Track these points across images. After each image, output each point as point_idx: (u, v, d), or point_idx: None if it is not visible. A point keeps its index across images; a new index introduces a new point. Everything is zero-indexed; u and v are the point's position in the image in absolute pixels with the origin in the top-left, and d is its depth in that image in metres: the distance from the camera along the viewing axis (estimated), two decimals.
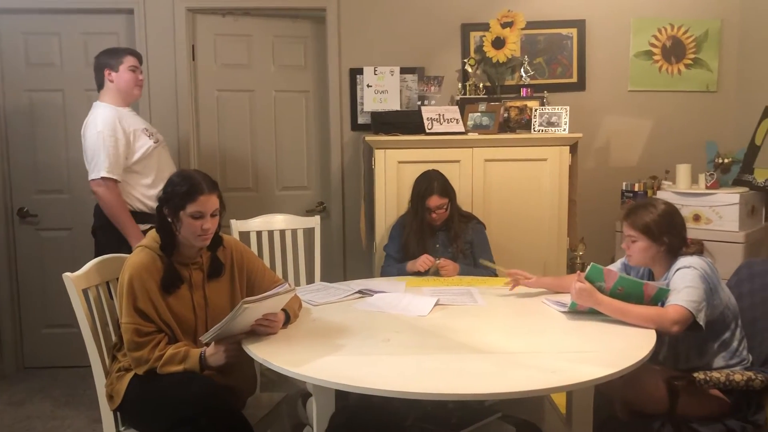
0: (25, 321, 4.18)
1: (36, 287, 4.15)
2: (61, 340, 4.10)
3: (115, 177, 3.11)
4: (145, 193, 3.21)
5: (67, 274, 2.34)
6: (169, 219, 2.30)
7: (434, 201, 3.21)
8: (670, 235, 2.43)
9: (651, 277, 2.57)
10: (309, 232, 3.67)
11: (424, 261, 3.14)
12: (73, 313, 2.35)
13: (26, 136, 4.08)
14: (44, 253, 4.14)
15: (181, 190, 2.28)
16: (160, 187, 2.39)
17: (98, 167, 3.09)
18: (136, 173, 3.21)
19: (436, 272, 3.15)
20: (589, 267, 2.43)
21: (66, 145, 4.09)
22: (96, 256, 2.62)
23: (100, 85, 3.30)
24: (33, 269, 4.15)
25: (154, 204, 2.99)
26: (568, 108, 3.73)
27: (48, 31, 4.03)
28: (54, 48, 4.05)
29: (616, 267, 2.70)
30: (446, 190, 3.26)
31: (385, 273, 3.32)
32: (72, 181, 4.12)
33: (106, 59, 3.27)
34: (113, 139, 3.11)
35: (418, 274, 3.17)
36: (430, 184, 3.24)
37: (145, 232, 3.04)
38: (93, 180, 3.11)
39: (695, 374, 2.30)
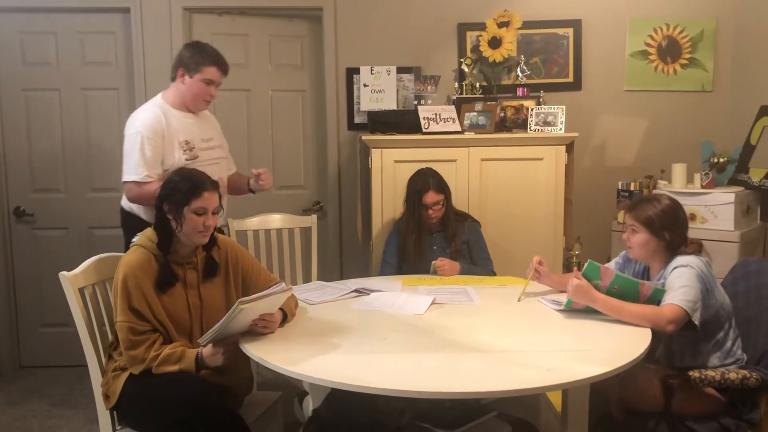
0: (22, 320, 4.18)
1: (32, 286, 4.15)
2: (58, 339, 4.09)
3: (151, 179, 2.85)
4: None
5: (64, 273, 2.34)
6: (170, 216, 2.31)
7: (430, 197, 3.21)
8: (671, 231, 2.43)
9: (647, 273, 2.58)
10: (306, 232, 3.67)
11: None
12: (70, 312, 2.35)
13: (22, 135, 4.08)
14: (40, 253, 4.13)
15: (185, 186, 2.31)
16: None
17: (129, 170, 2.89)
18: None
19: (435, 272, 3.15)
20: (586, 264, 2.43)
21: (62, 144, 4.09)
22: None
23: (172, 78, 3.05)
24: (29, 268, 4.14)
25: None
26: (564, 107, 3.73)
27: (44, 30, 4.03)
28: (50, 47, 4.04)
29: (613, 264, 2.71)
30: (441, 186, 3.27)
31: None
32: (68, 181, 4.12)
33: (187, 58, 2.98)
34: (151, 142, 2.88)
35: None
36: (426, 180, 3.25)
37: None
38: (124, 182, 2.91)
39: (690, 372, 2.31)
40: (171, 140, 2.95)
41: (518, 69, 4.02)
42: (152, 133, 2.90)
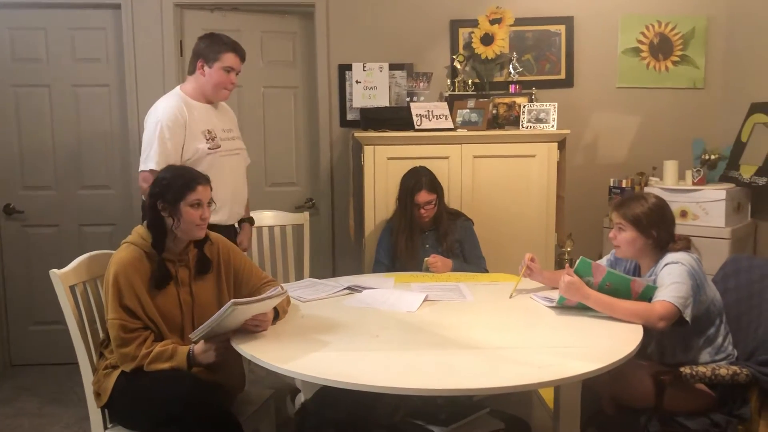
0: (12, 318, 4.15)
1: (23, 284, 4.12)
2: (49, 337, 4.07)
3: None
4: None
5: (54, 270, 2.33)
6: (164, 214, 2.30)
7: (423, 197, 3.21)
8: (659, 229, 2.44)
9: (638, 271, 2.58)
10: (298, 229, 3.66)
11: None
12: (61, 310, 2.34)
13: (12, 131, 4.05)
14: (31, 250, 4.11)
15: (179, 182, 2.32)
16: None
17: (149, 159, 2.85)
18: None
19: (428, 269, 3.15)
20: (578, 261, 2.44)
21: (53, 140, 4.07)
22: None
23: (190, 72, 3.06)
24: (19, 266, 4.12)
25: None
26: (556, 104, 3.74)
27: (34, 26, 4.00)
28: (40, 43, 4.01)
29: (605, 261, 2.71)
30: (434, 185, 3.26)
31: None
32: (59, 177, 4.10)
33: (204, 48, 3.00)
34: (171, 131, 2.86)
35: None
36: (419, 179, 3.24)
37: None
38: (141, 171, 2.88)
39: (681, 369, 2.32)
40: (193, 130, 2.94)
41: (510, 66, 4.03)
42: (173, 123, 2.89)
